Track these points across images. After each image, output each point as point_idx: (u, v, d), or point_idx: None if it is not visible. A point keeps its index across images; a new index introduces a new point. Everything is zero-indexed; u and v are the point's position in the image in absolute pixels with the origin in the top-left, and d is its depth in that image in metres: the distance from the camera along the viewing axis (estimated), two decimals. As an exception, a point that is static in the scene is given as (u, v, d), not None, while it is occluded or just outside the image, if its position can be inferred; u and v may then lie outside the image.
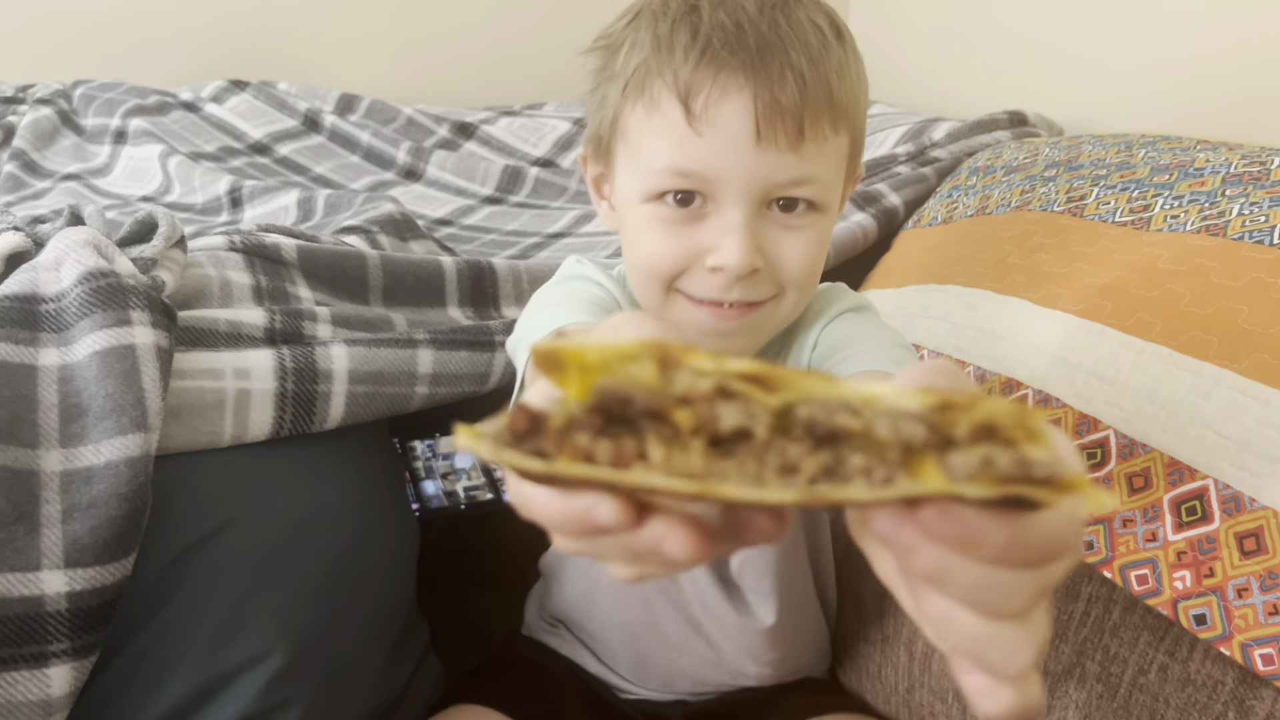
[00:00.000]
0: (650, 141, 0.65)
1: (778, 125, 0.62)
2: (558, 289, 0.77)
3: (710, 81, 0.61)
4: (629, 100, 0.66)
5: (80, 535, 0.65)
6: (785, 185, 0.64)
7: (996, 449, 0.29)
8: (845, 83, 0.65)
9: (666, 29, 0.63)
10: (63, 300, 0.70)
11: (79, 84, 1.70)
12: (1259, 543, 0.65)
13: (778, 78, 0.61)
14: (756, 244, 0.65)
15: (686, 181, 0.64)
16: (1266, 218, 0.79)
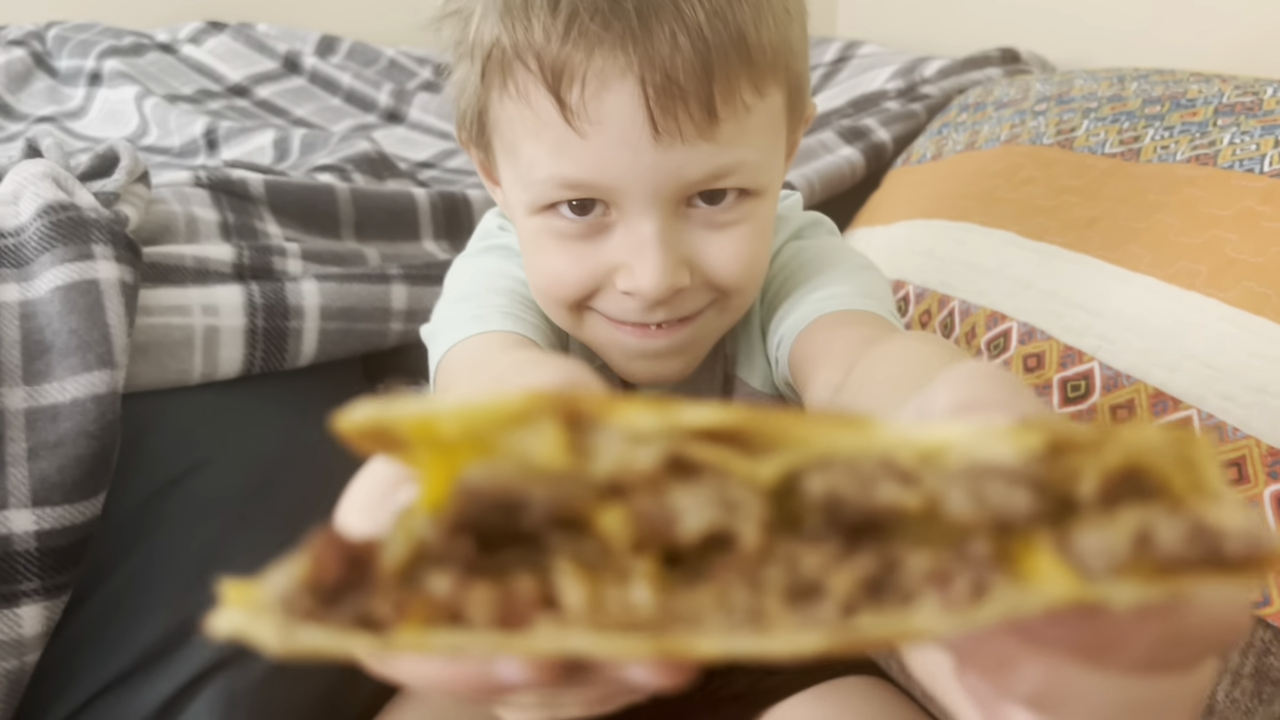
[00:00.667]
0: (527, 143, 0.51)
1: (678, 111, 0.48)
2: (476, 272, 0.65)
3: (584, 65, 0.48)
4: (492, 88, 0.52)
5: (48, 473, 0.64)
6: (703, 181, 0.51)
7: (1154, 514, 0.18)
8: (765, 25, 0.50)
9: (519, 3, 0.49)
10: (22, 235, 0.68)
11: (52, 25, 1.67)
12: (1241, 472, 0.64)
13: (668, 49, 0.47)
14: (678, 255, 0.52)
15: (577, 192, 0.51)
16: (1257, 146, 0.77)
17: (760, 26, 0.49)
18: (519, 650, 0.18)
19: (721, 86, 0.48)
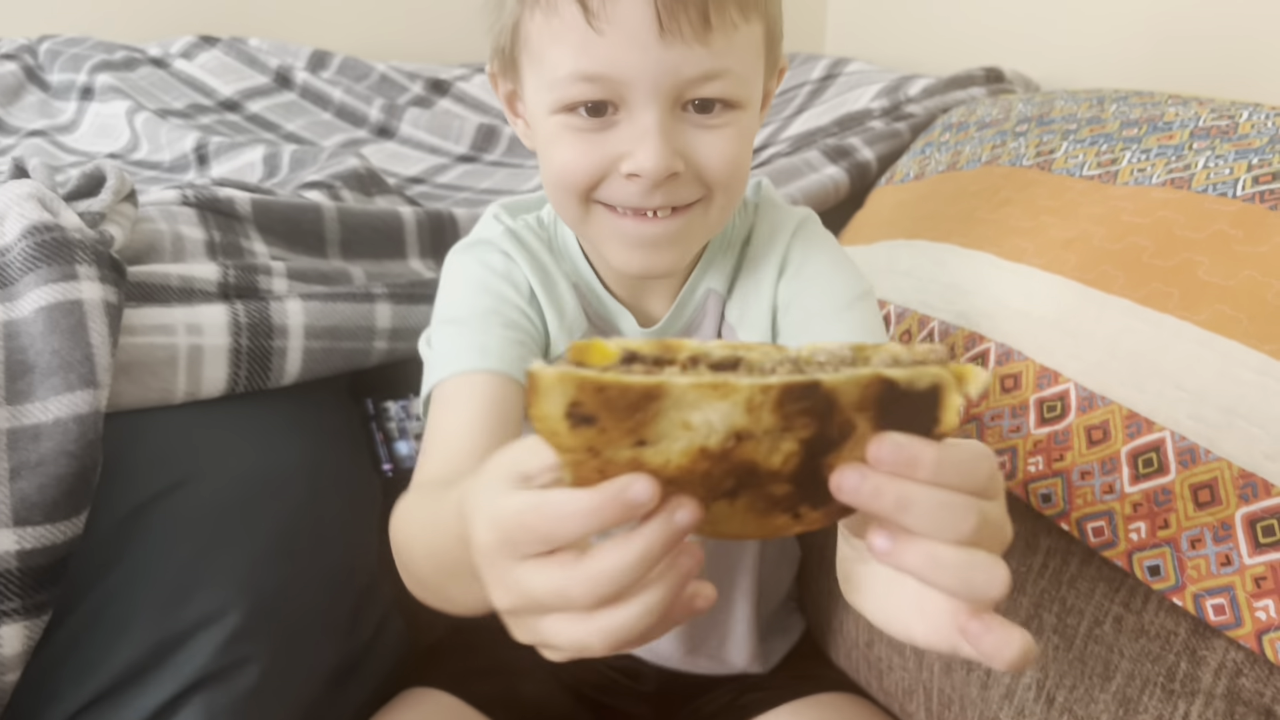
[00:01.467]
0: (552, 48, 0.61)
1: (680, 15, 0.58)
2: (466, 284, 0.73)
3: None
4: (526, 6, 0.62)
5: (29, 493, 0.64)
6: (697, 81, 0.61)
7: (901, 354, 0.37)
8: None
9: None
10: (6, 255, 0.69)
11: (45, 39, 1.67)
12: (1213, 494, 0.65)
13: None
14: (674, 146, 0.62)
15: (593, 87, 0.61)
16: (1231, 170, 0.78)
17: None
18: (677, 382, 0.34)
19: (715, 3, 0.59)
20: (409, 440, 1.10)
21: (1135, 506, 0.69)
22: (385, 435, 1.10)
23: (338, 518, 0.83)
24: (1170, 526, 0.67)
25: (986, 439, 0.81)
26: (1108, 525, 0.71)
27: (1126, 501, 0.70)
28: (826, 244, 0.78)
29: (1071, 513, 0.73)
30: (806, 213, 0.79)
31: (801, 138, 1.33)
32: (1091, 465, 0.73)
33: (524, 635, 0.40)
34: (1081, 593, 0.73)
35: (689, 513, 0.36)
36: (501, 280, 0.72)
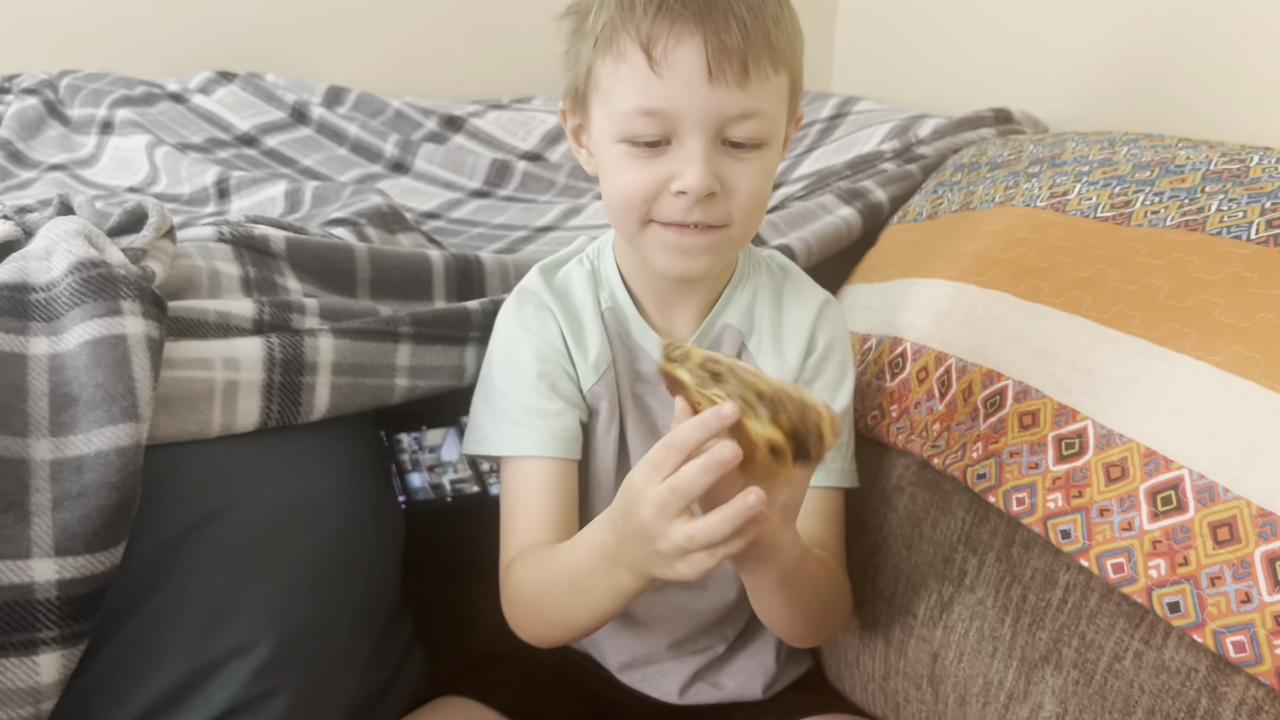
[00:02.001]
0: (619, 88, 0.75)
1: (725, 65, 0.72)
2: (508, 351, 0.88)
3: (667, 31, 0.72)
4: (599, 54, 0.76)
5: (70, 524, 0.65)
6: (735, 119, 0.75)
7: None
8: (782, 29, 0.76)
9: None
10: (53, 290, 0.70)
11: (65, 74, 1.69)
12: (1232, 532, 0.66)
13: (723, 25, 0.71)
14: (714, 171, 0.75)
15: (651, 121, 0.75)
16: (1244, 214, 0.80)
17: (779, 28, 0.75)
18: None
19: (753, 55, 0.73)
20: (421, 472, 1.12)
21: (1155, 543, 0.70)
22: (398, 467, 1.11)
23: (366, 550, 0.85)
24: (1190, 564, 0.68)
25: (1005, 475, 0.82)
26: (1127, 562, 0.72)
27: (1146, 538, 0.71)
28: (842, 335, 0.92)
29: (1091, 549, 0.74)
30: (826, 296, 0.93)
31: (814, 177, 1.35)
32: (1110, 502, 0.74)
33: (668, 573, 0.65)
34: (1101, 628, 0.74)
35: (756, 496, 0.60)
36: (538, 337, 0.87)
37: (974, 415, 0.88)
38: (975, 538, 0.85)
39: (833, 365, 0.90)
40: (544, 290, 0.88)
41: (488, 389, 0.89)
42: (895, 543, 0.93)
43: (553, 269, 0.91)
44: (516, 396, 0.86)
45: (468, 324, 0.94)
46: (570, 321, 0.87)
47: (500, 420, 0.86)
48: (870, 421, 1.00)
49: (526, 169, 1.62)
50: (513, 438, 0.85)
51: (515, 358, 0.87)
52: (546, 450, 0.84)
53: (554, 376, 0.86)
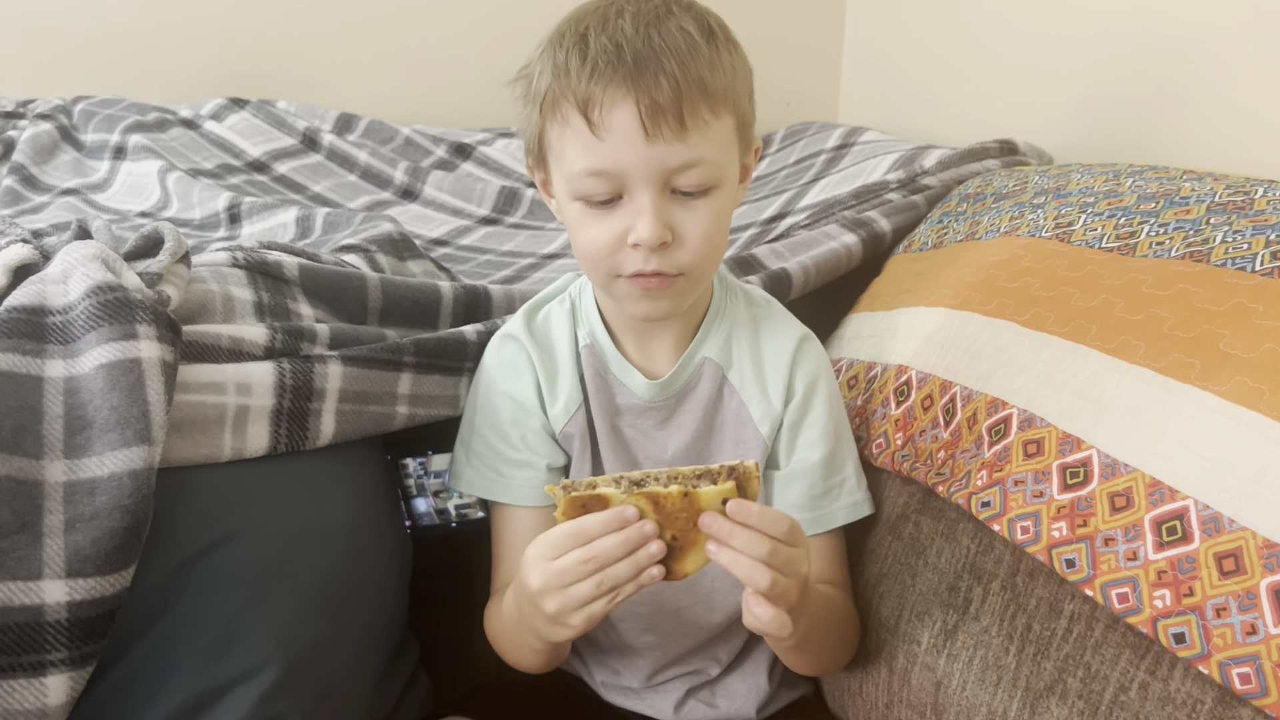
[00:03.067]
0: (568, 150, 0.78)
1: (660, 121, 0.74)
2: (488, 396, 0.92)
3: (602, 93, 0.74)
4: (546, 119, 0.79)
5: (82, 546, 0.66)
6: (679, 169, 0.77)
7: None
8: (719, 72, 0.77)
9: (563, 57, 0.76)
10: (70, 313, 0.71)
11: (79, 99, 1.71)
12: (1238, 563, 0.66)
13: (654, 84, 0.73)
14: (664, 220, 0.78)
15: (600, 181, 0.77)
16: (1249, 245, 0.81)
17: (715, 73, 0.76)
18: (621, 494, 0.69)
19: (688, 107, 0.74)
20: (426, 497, 1.12)
21: (1160, 574, 0.71)
22: (403, 492, 1.11)
23: (374, 575, 0.85)
24: (1195, 594, 0.68)
25: (1010, 504, 0.82)
26: (1132, 592, 0.72)
27: (1151, 568, 0.71)
28: (823, 371, 0.94)
29: (1096, 578, 0.74)
30: (804, 332, 0.95)
31: (819, 207, 1.36)
32: (1115, 531, 0.74)
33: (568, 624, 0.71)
34: (1106, 659, 0.74)
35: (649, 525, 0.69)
36: (513, 385, 0.91)
37: (978, 443, 0.88)
38: (980, 566, 0.85)
39: (819, 403, 0.92)
40: (524, 334, 0.92)
41: (465, 428, 0.94)
42: (900, 571, 0.93)
43: (536, 309, 0.95)
44: (491, 441, 0.91)
45: (464, 354, 0.96)
46: (546, 365, 0.91)
47: (475, 462, 0.92)
48: (875, 449, 1.00)
49: (534, 196, 1.63)
50: (487, 482, 0.91)
51: (492, 404, 0.92)
52: (516, 500, 0.90)
53: (525, 428, 0.91)
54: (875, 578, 0.95)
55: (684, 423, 0.91)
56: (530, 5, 1.92)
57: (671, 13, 0.77)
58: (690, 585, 0.93)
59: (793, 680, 1.00)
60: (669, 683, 0.97)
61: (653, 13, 0.76)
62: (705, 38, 0.77)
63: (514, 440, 0.90)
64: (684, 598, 0.94)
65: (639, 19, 0.75)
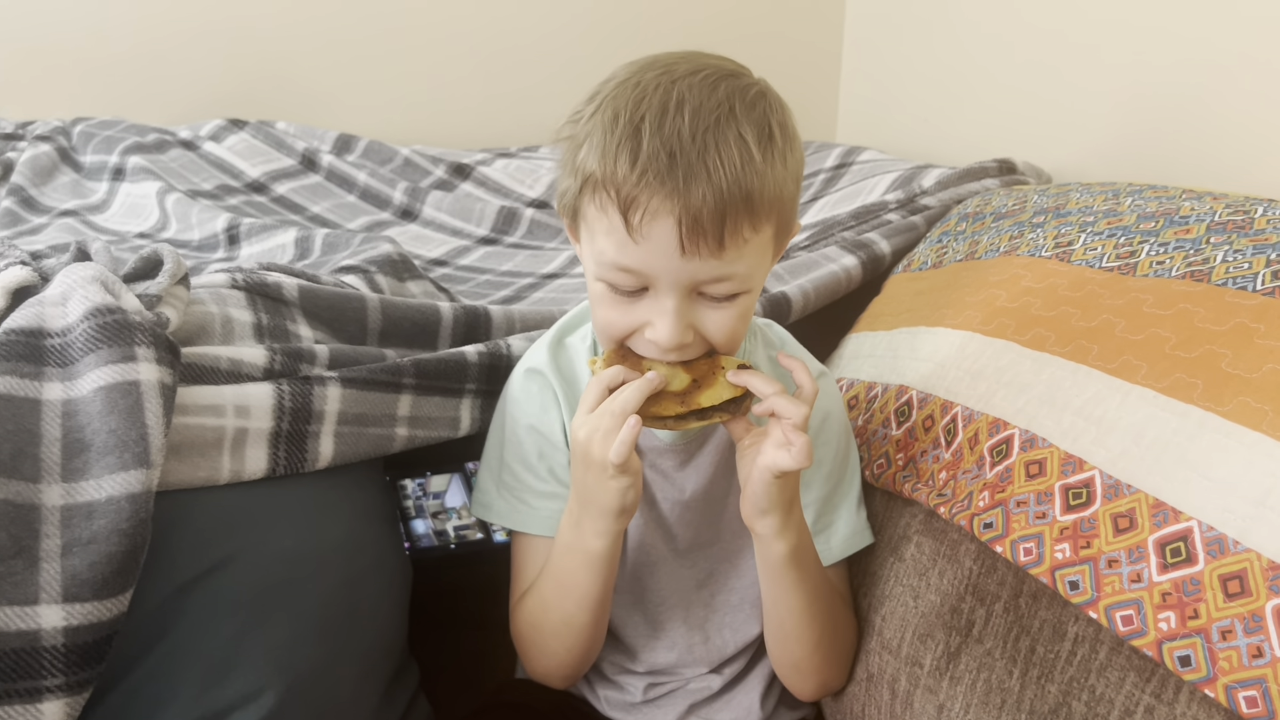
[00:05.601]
0: (600, 235, 0.76)
1: (699, 240, 0.72)
2: (512, 429, 0.93)
3: (645, 203, 0.71)
4: (585, 196, 0.76)
5: (79, 570, 0.65)
6: (709, 282, 0.75)
7: None
8: (768, 185, 0.74)
9: (614, 147, 0.72)
10: (68, 335, 0.71)
11: (79, 121, 1.72)
12: (1242, 585, 0.66)
13: (699, 201, 0.70)
14: (687, 321, 0.77)
15: (628, 276, 0.76)
16: (1250, 265, 0.81)
17: (764, 187, 0.73)
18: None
19: (730, 228, 0.72)
20: (425, 519, 1.11)
21: (1164, 596, 0.70)
22: (402, 513, 1.11)
23: (374, 598, 0.84)
24: (1200, 617, 0.68)
25: (1012, 525, 0.82)
26: (1137, 614, 0.71)
27: (1155, 590, 0.71)
28: (836, 409, 0.95)
29: (1100, 600, 0.74)
30: (819, 370, 0.95)
31: (818, 227, 1.36)
32: (1119, 553, 0.74)
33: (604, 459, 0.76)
34: (1111, 681, 0.73)
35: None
36: (540, 419, 0.92)
37: (980, 464, 0.88)
38: (983, 588, 0.85)
39: (827, 441, 0.93)
40: (549, 369, 0.92)
41: (492, 459, 0.94)
42: (902, 592, 0.92)
43: (560, 341, 0.95)
44: (519, 472, 0.92)
45: (464, 375, 0.96)
46: (570, 401, 0.91)
47: (504, 493, 0.93)
48: (876, 470, 1.00)
49: (534, 216, 1.63)
50: (516, 513, 0.92)
51: (518, 437, 0.92)
52: (545, 530, 0.90)
53: (553, 461, 0.91)
54: (877, 599, 0.94)
55: (703, 464, 0.92)
56: (529, 28, 1.93)
57: (733, 115, 0.73)
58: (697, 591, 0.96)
59: (793, 700, 1.00)
60: (670, 695, 0.97)
61: (714, 113, 0.72)
62: (763, 147, 0.73)
63: (541, 473, 0.91)
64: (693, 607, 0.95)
65: (698, 120, 0.71)
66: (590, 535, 0.82)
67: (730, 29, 2.00)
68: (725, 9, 1.99)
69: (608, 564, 0.84)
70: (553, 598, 0.87)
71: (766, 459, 0.79)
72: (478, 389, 0.98)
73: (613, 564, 0.85)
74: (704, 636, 0.97)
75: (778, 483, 0.80)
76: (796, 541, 0.85)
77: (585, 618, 0.86)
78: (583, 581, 0.85)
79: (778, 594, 0.88)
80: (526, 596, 0.91)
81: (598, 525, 0.82)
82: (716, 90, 0.73)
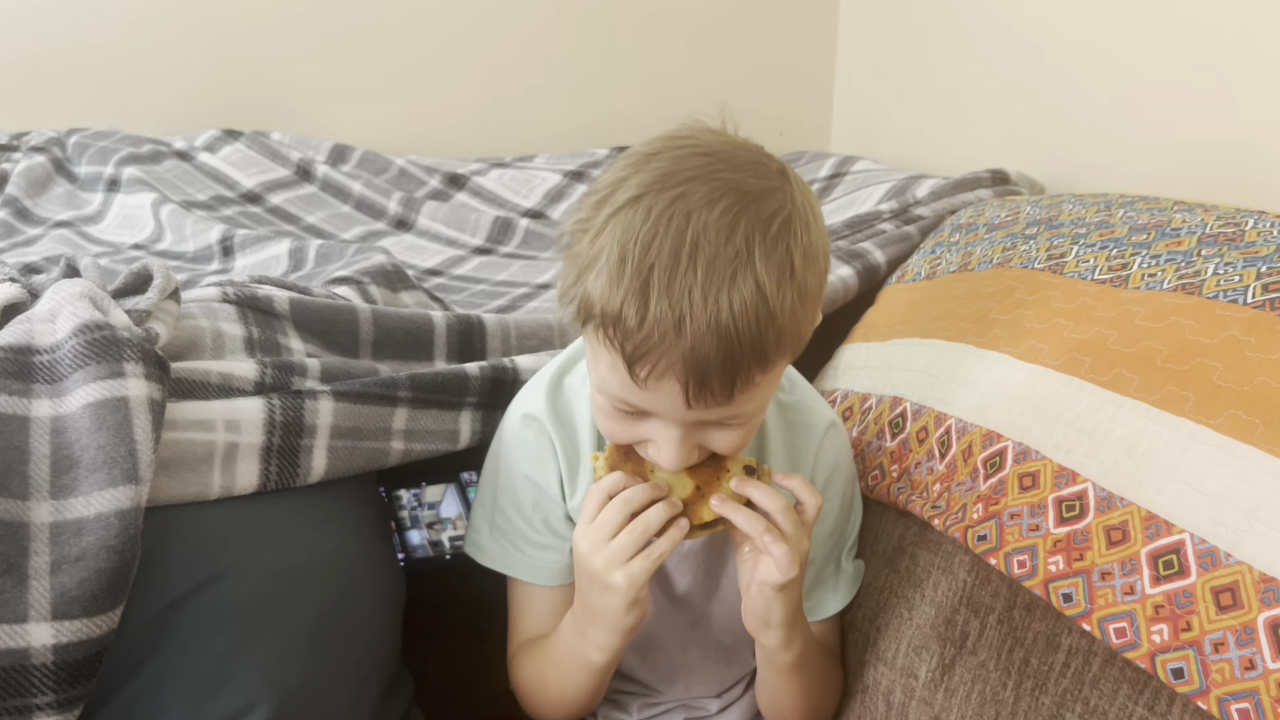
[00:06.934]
0: (604, 366, 0.72)
1: (706, 395, 0.68)
2: (508, 475, 0.89)
3: (651, 362, 0.67)
4: (589, 326, 0.70)
5: (68, 587, 0.65)
6: (716, 422, 0.74)
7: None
8: (785, 330, 0.69)
9: (619, 296, 0.66)
10: (57, 352, 0.71)
11: (73, 132, 1.72)
12: (1235, 597, 0.66)
13: (707, 363, 0.66)
14: (692, 444, 0.75)
15: (631, 409, 0.73)
16: (1240, 277, 0.81)
17: (780, 334, 0.68)
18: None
19: (741, 382, 0.68)
20: (420, 529, 1.11)
21: (1157, 608, 0.70)
22: (397, 524, 1.10)
23: (367, 612, 0.84)
24: (1192, 629, 0.68)
25: (1006, 537, 0.82)
26: (1129, 626, 0.71)
27: (1148, 603, 0.71)
28: (844, 462, 0.93)
29: (1093, 612, 0.74)
30: (831, 420, 0.92)
31: (813, 237, 1.36)
32: (1112, 566, 0.74)
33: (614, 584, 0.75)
34: (1105, 694, 0.73)
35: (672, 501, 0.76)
36: (535, 469, 0.88)
37: (974, 476, 0.88)
38: (977, 600, 0.85)
39: (832, 496, 0.91)
40: (547, 416, 0.87)
41: (486, 499, 0.92)
42: (897, 604, 0.92)
43: (558, 383, 0.89)
44: (513, 519, 0.89)
45: (465, 389, 0.95)
46: (569, 452, 0.87)
47: (498, 537, 0.91)
48: (871, 481, 1.00)
49: (528, 226, 1.63)
50: (510, 559, 0.90)
51: (513, 484, 0.89)
52: (541, 580, 0.89)
53: (548, 512, 0.89)
54: (872, 611, 0.94)
55: None
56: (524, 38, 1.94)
57: (752, 262, 0.65)
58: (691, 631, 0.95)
59: None
60: (667, 714, 0.97)
61: (730, 265, 0.65)
62: (783, 289, 0.67)
63: (536, 523, 0.89)
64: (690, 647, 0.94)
65: (711, 275, 0.64)
66: (592, 648, 0.81)
67: (724, 41, 2.00)
68: (719, 21, 1.99)
69: (609, 670, 0.84)
70: (553, 679, 0.87)
71: (764, 573, 0.77)
72: (479, 402, 0.97)
73: (614, 667, 0.84)
74: (703, 675, 0.97)
75: (780, 595, 0.79)
76: (801, 649, 0.84)
77: (585, 697, 0.87)
78: (583, 680, 0.84)
79: (776, 685, 0.88)
80: (526, 656, 0.90)
81: (600, 640, 0.80)
82: (735, 233, 0.65)
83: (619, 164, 0.71)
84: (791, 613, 0.81)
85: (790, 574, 0.76)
